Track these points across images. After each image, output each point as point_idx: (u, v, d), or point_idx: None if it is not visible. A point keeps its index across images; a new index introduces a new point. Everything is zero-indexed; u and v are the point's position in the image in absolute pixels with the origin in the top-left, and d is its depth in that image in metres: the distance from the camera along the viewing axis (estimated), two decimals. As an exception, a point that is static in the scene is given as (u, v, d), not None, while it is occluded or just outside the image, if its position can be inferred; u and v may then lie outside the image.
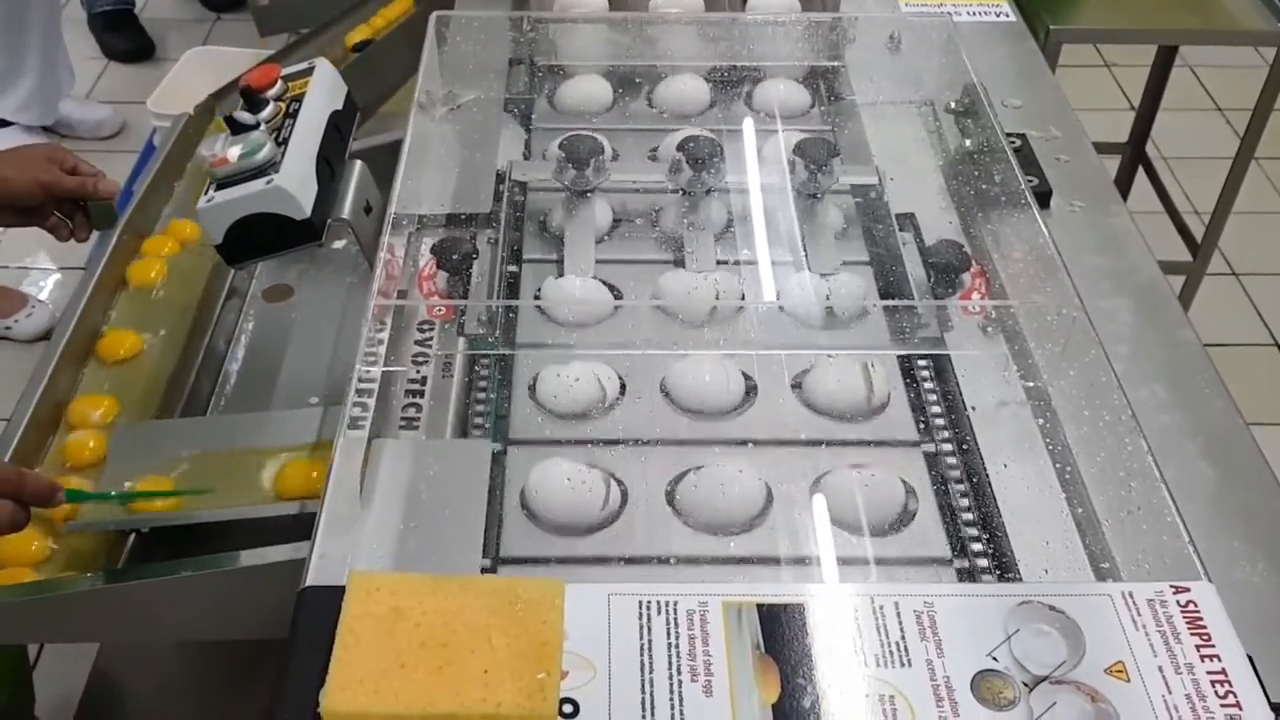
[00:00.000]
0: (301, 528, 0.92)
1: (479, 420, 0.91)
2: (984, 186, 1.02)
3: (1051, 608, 0.67)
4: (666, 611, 0.66)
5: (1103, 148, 2.20)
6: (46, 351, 1.06)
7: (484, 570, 0.76)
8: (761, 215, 1.07)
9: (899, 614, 0.67)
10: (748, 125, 1.16)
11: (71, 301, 1.13)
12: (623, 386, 0.91)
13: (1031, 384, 0.88)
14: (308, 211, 0.94)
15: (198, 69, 2.35)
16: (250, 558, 0.86)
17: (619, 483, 0.83)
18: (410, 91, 1.56)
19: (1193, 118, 2.85)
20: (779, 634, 0.66)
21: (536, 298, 1.00)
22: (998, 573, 0.78)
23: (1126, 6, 1.84)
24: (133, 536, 0.93)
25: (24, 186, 1.06)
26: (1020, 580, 0.76)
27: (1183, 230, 2.04)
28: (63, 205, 1.09)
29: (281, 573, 0.86)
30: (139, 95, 2.84)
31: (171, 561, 0.86)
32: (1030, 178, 1.08)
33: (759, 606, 0.67)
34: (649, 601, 0.67)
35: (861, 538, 0.80)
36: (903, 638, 0.66)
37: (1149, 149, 2.25)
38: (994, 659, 0.65)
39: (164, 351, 1.09)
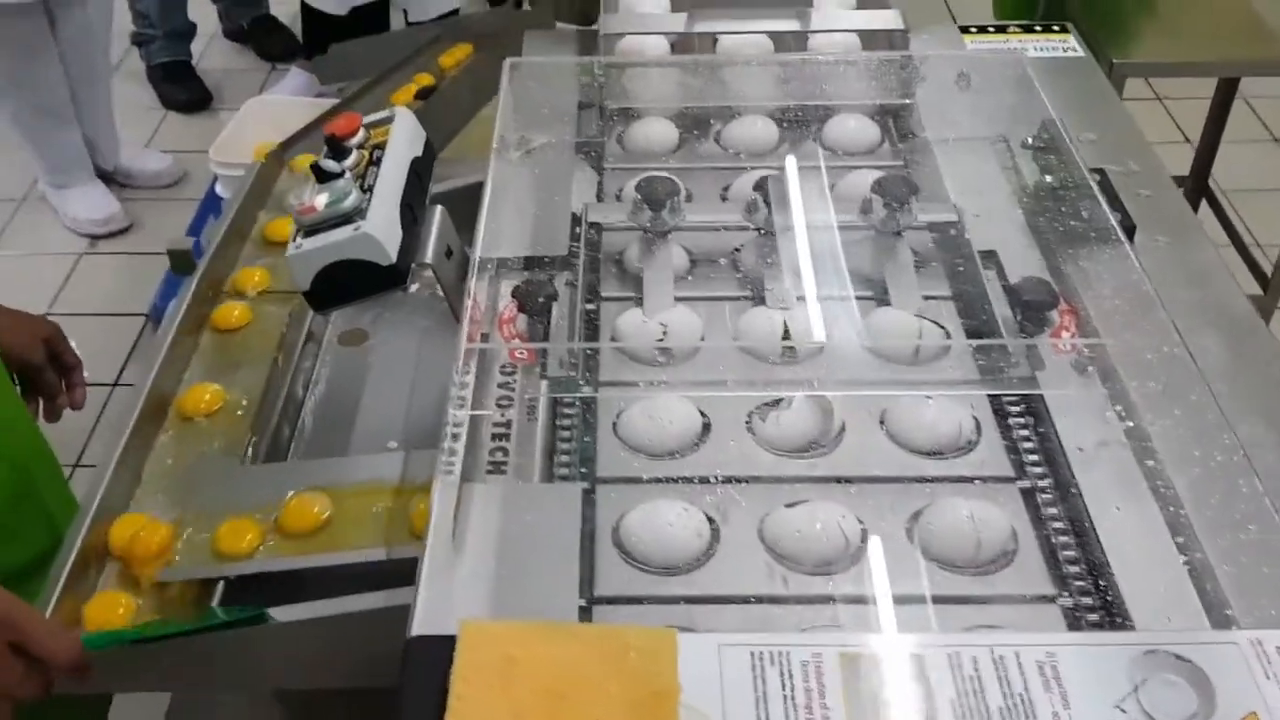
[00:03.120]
0: (387, 574, 0.93)
1: (565, 460, 0.90)
2: (1071, 223, 1.01)
3: (1178, 656, 0.65)
4: (780, 663, 0.65)
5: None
6: (130, 399, 1.07)
7: (581, 610, 0.76)
8: (839, 252, 1.07)
9: (1020, 665, 0.65)
10: (821, 163, 1.16)
11: (152, 348, 1.14)
12: (706, 425, 0.91)
13: (1131, 424, 0.86)
14: (394, 257, 0.94)
15: (257, 118, 2.39)
16: (342, 605, 0.85)
17: (711, 521, 0.83)
18: (469, 137, 1.58)
19: (1250, 149, 2.82)
20: (898, 685, 0.64)
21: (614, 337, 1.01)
22: (1109, 621, 0.76)
23: (1185, 38, 1.83)
24: (222, 583, 0.93)
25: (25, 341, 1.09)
26: (1134, 628, 0.74)
27: (1251, 264, 2.01)
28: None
29: (373, 620, 0.85)
30: (197, 144, 2.90)
31: (262, 609, 0.86)
32: (1114, 213, 1.06)
33: (876, 657, 0.65)
34: (761, 652, 0.65)
35: (964, 578, 0.79)
36: (1026, 689, 0.64)
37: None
38: (1122, 710, 0.63)
39: (245, 397, 1.10)
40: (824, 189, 1.15)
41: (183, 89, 3.15)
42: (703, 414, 0.91)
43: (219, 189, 2.30)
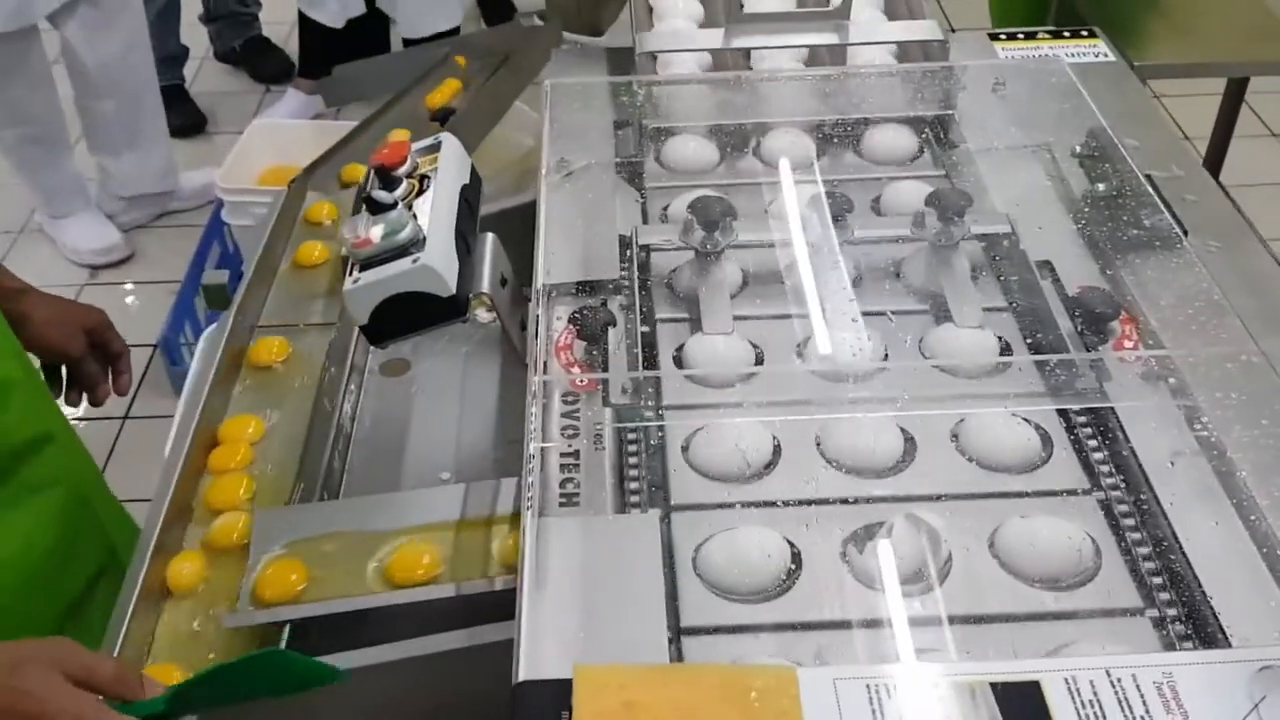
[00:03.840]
0: (459, 609, 0.91)
1: (635, 488, 0.89)
2: (1132, 231, 1.01)
3: (1295, 673, 0.65)
4: (897, 695, 0.64)
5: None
6: (177, 440, 1.05)
7: (669, 642, 0.74)
8: (895, 267, 1.07)
9: (1139, 686, 0.64)
10: (864, 175, 1.16)
11: (195, 383, 1.12)
12: (776, 447, 0.90)
13: (1211, 435, 0.85)
14: (454, 288, 0.93)
15: (261, 142, 2.37)
16: (419, 646, 0.84)
17: (791, 545, 0.81)
18: (481, 158, 1.57)
19: (1248, 145, 2.83)
20: (1018, 713, 0.63)
21: (676, 358, 0.99)
22: (1202, 639, 0.75)
23: (1199, 38, 1.83)
24: (288, 627, 0.91)
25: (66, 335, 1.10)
26: (1230, 645, 0.73)
27: (1271, 261, 2.02)
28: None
29: (441, 662, 0.84)
30: (192, 169, 2.87)
31: (338, 654, 0.84)
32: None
33: (993, 685, 0.64)
34: (877, 685, 0.64)
35: (1054, 595, 0.78)
36: (1147, 712, 0.63)
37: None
38: (1247, 731, 0.62)
39: (292, 432, 1.08)
40: (870, 203, 1.15)
41: (176, 113, 3.11)
42: (774, 436, 0.90)
43: (225, 215, 2.27)
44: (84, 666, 0.69)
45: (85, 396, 1.15)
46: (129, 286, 2.68)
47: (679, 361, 0.99)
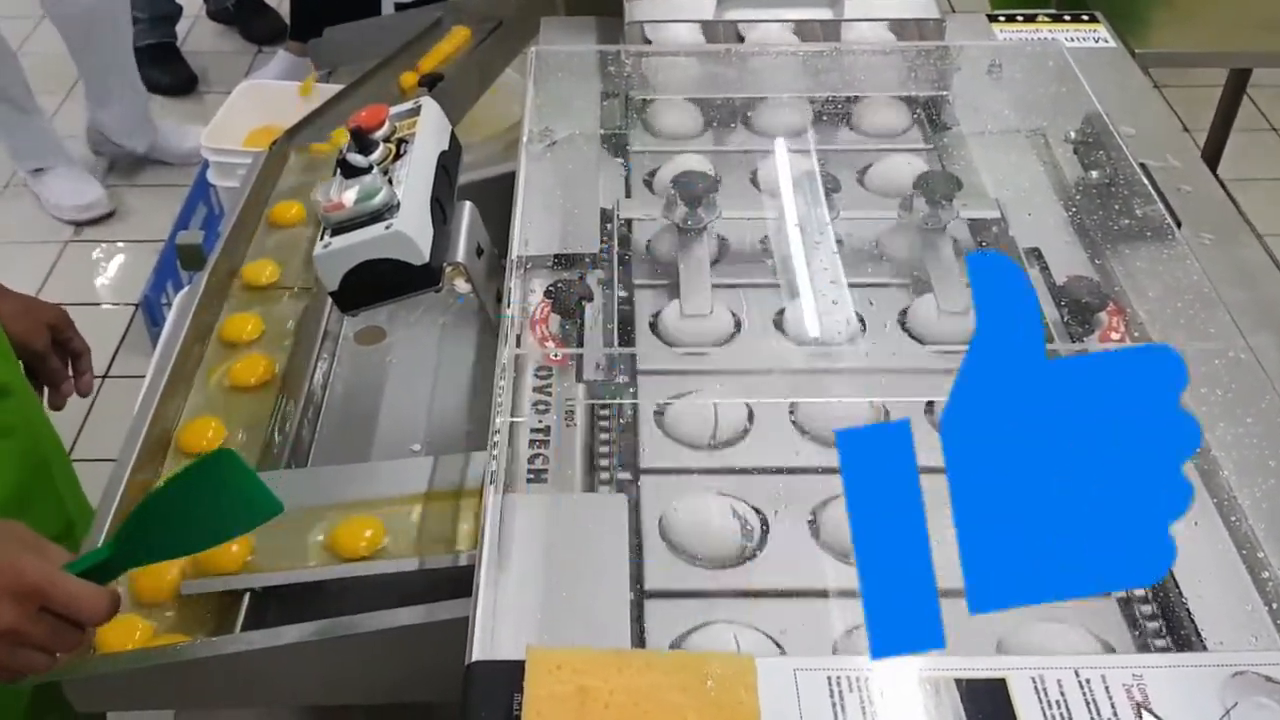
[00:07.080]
0: (422, 583, 0.89)
1: (605, 465, 0.87)
2: (1123, 220, 0.98)
3: (1268, 679, 0.63)
4: (859, 689, 0.62)
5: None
6: (146, 395, 1.03)
7: (632, 604, 0.74)
8: (876, 241, 1.05)
9: (1108, 688, 0.63)
10: (852, 147, 1.14)
11: (166, 343, 1.10)
12: (750, 416, 0.88)
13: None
14: (427, 256, 0.91)
15: (248, 103, 2.33)
16: (378, 620, 0.82)
17: (758, 513, 0.81)
18: (470, 126, 1.54)
19: (1249, 139, 2.81)
20: (982, 711, 0.61)
21: (652, 323, 0.98)
22: (1176, 640, 0.73)
23: (1201, 27, 1.80)
24: (248, 596, 0.89)
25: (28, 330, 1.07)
26: (1206, 650, 0.71)
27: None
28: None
29: (408, 635, 0.82)
30: (183, 127, 2.83)
31: (296, 625, 0.82)
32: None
33: (958, 681, 0.62)
34: (838, 678, 0.62)
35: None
36: (1115, 715, 0.62)
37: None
38: (1216, 737, 0.61)
39: (262, 397, 1.06)
40: (856, 178, 1.13)
41: (167, 72, 3.08)
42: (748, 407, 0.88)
43: (210, 175, 2.24)
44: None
45: (46, 396, 1.12)
46: (114, 245, 2.64)
47: (655, 328, 0.97)
